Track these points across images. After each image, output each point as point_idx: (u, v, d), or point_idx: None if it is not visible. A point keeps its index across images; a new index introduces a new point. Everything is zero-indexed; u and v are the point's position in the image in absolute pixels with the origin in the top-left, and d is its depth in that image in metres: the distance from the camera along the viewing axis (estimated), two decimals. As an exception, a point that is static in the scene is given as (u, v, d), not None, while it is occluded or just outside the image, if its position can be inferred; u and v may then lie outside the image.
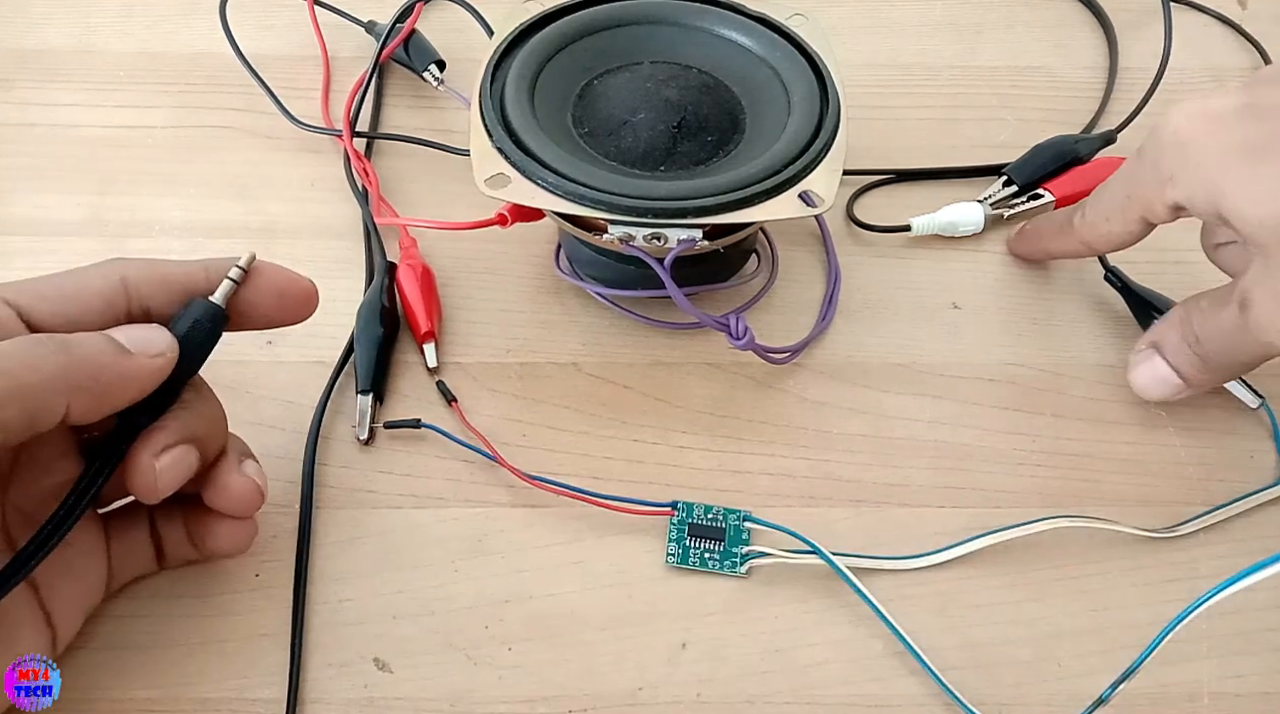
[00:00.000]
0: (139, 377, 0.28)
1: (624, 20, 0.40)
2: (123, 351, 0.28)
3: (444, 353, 0.39)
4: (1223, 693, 0.32)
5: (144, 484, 0.29)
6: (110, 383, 0.28)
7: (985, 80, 0.50)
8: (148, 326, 0.29)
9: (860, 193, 0.45)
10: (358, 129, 0.45)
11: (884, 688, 0.32)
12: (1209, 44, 0.52)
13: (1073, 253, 0.40)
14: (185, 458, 0.29)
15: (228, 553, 0.33)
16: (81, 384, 0.27)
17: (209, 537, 0.32)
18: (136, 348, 0.28)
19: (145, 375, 0.28)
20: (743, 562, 0.34)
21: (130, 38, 0.50)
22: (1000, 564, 0.34)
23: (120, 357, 0.28)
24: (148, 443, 0.29)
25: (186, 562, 0.33)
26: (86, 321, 0.29)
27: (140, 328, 0.29)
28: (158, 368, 0.29)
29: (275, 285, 0.31)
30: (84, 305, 0.29)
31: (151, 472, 0.29)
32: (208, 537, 0.32)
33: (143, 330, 0.29)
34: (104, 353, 0.27)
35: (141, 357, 0.28)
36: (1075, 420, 0.38)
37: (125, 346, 0.28)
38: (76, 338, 0.27)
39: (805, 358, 0.39)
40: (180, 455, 0.29)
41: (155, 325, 0.29)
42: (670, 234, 0.34)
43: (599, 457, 0.37)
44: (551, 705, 0.31)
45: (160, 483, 0.29)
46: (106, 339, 0.28)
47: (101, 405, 0.28)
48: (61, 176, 0.44)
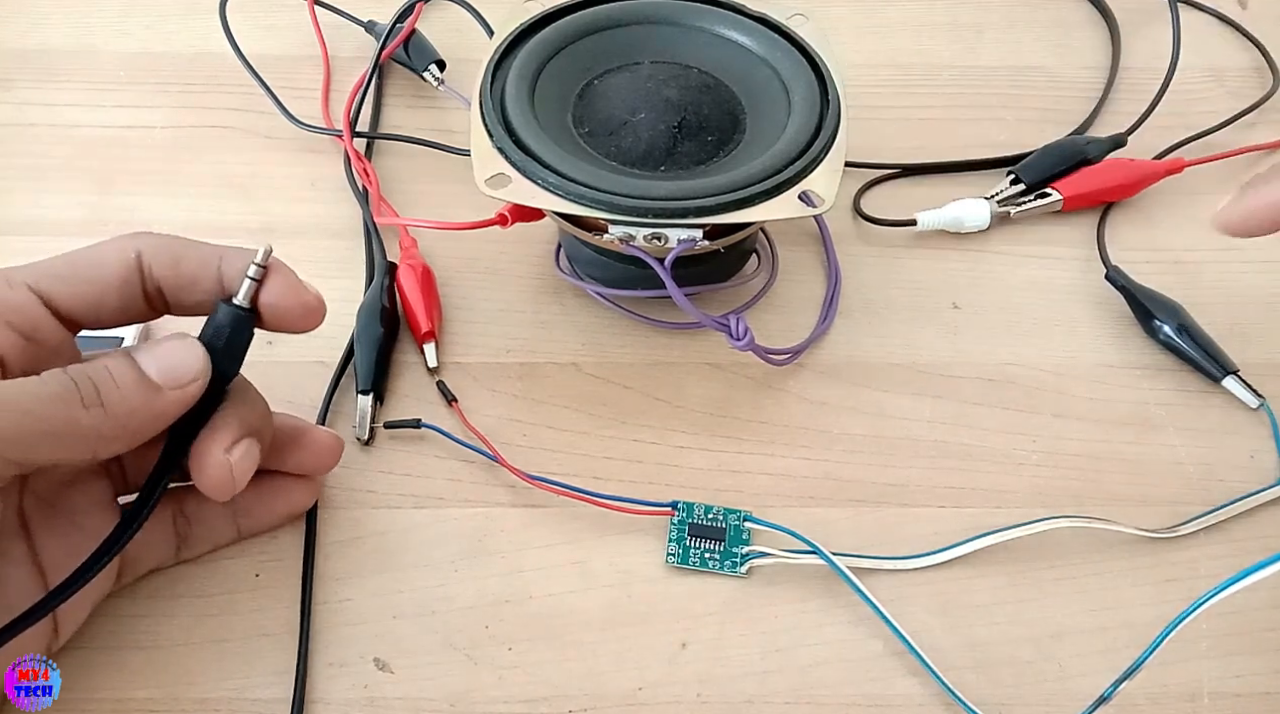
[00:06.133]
0: (171, 412, 0.28)
1: (624, 20, 0.40)
2: (153, 391, 0.27)
3: (444, 353, 0.39)
4: (1223, 693, 0.32)
5: (219, 480, 0.29)
6: (142, 426, 0.27)
7: (985, 80, 0.50)
8: (178, 344, 0.28)
9: (866, 188, 0.45)
10: (358, 129, 0.45)
11: (884, 688, 0.32)
12: (1210, 43, 0.52)
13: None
14: (251, 450, 0.29)
15: (291, 514, 0.34)
16: (114, 435, 0.27)
17: (279, 501, 0.33)
18: (167, 380, 0.27)
19: (177, 408, 0.28)
20: (743, 562, 0.34)
21: (130, 38, 0.50)
22: (1000, 564, 0.34)
23: (152, 397, 0.27)
24: (212, 441, 0.29)
25: (214, 548, 0.33)
26: (106, 304, 0.29)
27: (171, 347, 0.28)
28: (191, 396, 0.28)
29: (291, 286, 0.31)
30: (103, 287, 0.29)
31: (226, 466, 0.29)
32: (277, 501, 0.33)
33: (173, 352, 0.28)
34: (135, 396, 0.27)
35: (172, 391, 0.28)
36: (1075, 420, 0.38)
37: (155, 382, 0.27)
38: (106, 382, 0.27)
39: (805, 358, 0.39)
40: (247, 448, 0.29)
41: (186, 340, 0.29)
42: (670, 234, 0.34)
43: (599, 457, 0.37)
44: (551, 705, 0.31)
45: (237, 475, 0.29)
46: (138, 378, 0.27)
47: (134, 442, 0.28)
48: (61, 176, 0.44)
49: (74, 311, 0.29)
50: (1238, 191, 0.32)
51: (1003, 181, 0.44)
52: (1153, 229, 0.44)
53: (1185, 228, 0.44)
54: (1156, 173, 0.45)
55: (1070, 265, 0.43)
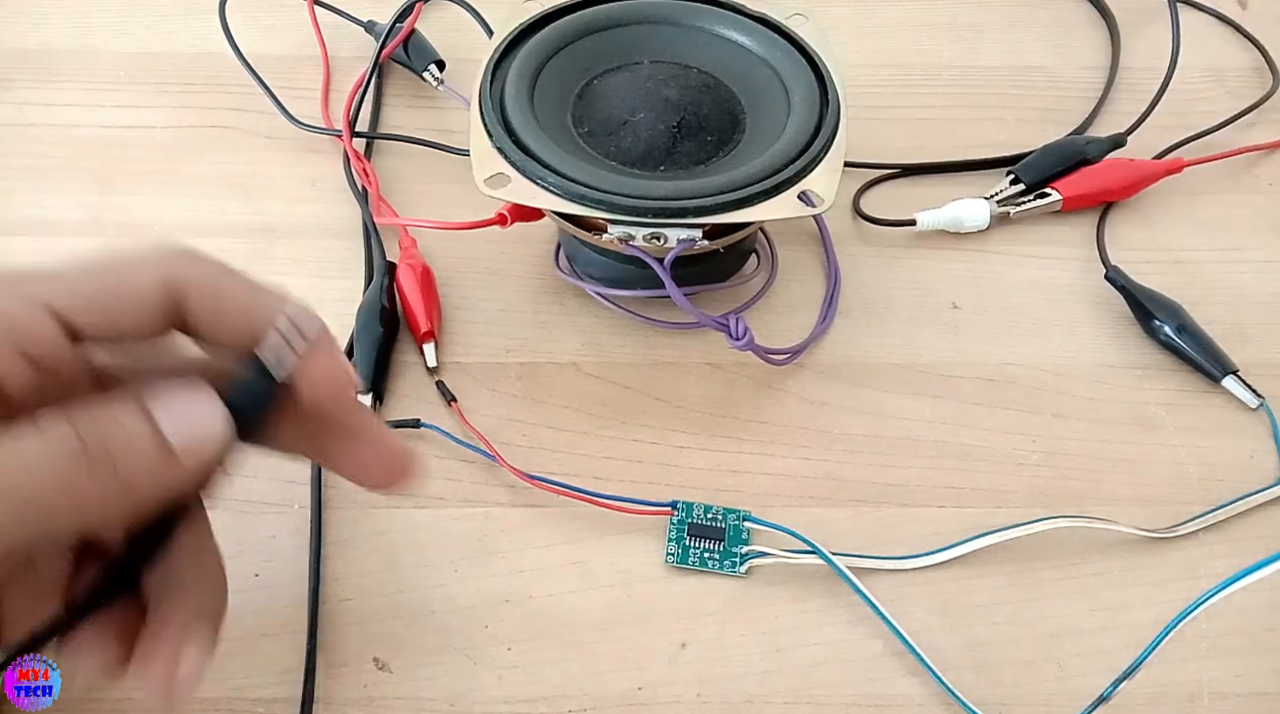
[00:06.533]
0: (179, 489, 0.24)
1: (624, 20, 0.40)
2: (169, 458, 0.23)
3: (444, 353, 0.39)
4: (1223, 693, 0.32)
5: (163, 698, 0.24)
6: (145, 501, 0.23)
7: (985, 80, 0.50)
8: (198, 399, 0.23)
9: (866, 188, 0.45)
10: (357, 129, 0.45)
11: (884, 688, 0.32)
12: (1210, 43, 0.52)
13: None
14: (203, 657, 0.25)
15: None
16: (115, 509, 0.23)
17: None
18: (185, 446, 0.23)
19: (191, 485, 0.24)
20: (742, 561, 0.34)
21: (130, 38, 0.50)
22: (1000, 564, 0.34)
23: (166, 467, 0.23)
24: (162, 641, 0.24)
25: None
26: (127, 329, 0.24)
27: (190, 404, 0.23)
28: (204, 473, 0.24)
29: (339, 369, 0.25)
30: (130, 313, 0.24)
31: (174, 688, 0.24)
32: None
33: (192, 410, 0.23)
34: (149, 463, 0.22)
35: (188, 459, 0.23)
36: (1075, 420, 0.38)
37: (171, 446, 0.23)
38: (120, 442, 0.22)
39: (805, 357, 0.39)
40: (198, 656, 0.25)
41: (206, 396, 0.24)
42: (670, 234, 0.34)
43: (599, 456, 0.37)
44: (551, 705, 0.31)
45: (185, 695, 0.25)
46: (156, 442, 0.23)
47: (127, 522, 0.24)
48: (61, 176, 0.44)
49: (92, 334, 0.24)
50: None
51: (1002, 181, 0.44)
52: (1152, 229, 0.44)
53: (1185, 228, 0.44)
54: (1156, 173, 0.45)
55: (1070, 265, 0.43)
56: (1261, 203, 0.45)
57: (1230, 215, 0.45)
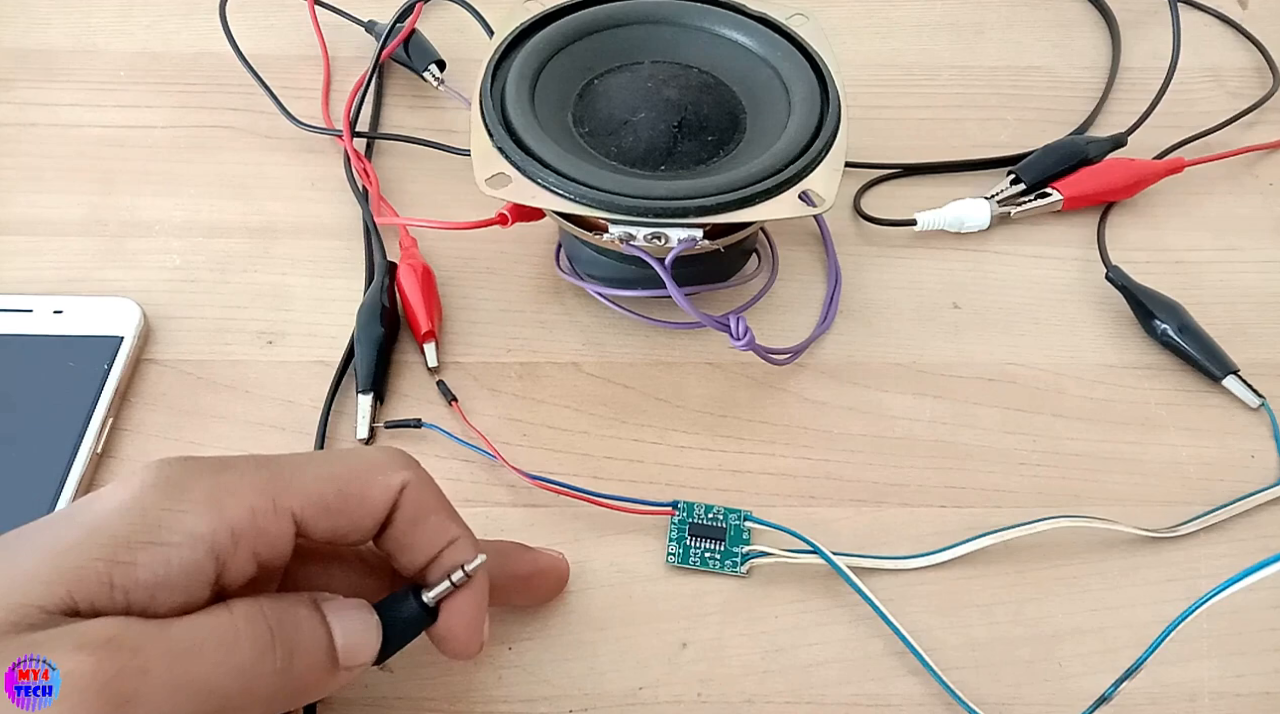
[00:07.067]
0: (326, 693, 0.25)
1: (624, 20, 0.40)
2: (333, 667, 0.24)
3: (444, 353, 0.39)
4: (1223, 693, 0.32)
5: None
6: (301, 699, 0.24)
7: (985, 80, 0.50)
8: (364, 620, 0.25)
9: (866, 188, 0.45)
10: (358, 129, 0.45)
11: (884, 688, 0.32)
12: (1210, 43, 0.52)
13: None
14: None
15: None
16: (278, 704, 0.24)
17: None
18: (346, 659, 0.25)
19: (335, 690, 0.25)
20: (743, 561, 0.34)
21: (130, 38, 0.50)
22: (1000, 564, 0.34)
23: (329, 674, 0.24)
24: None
25: None
26: (350, 541, 0.26)
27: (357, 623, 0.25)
28: (349, 680, 0.25)
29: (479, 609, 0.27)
30: (357, 528, 0.26)
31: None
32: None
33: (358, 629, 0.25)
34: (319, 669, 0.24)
35: (344, 673, 0.25)
36: (1075, 420, 0.38)
37: (339, 657, 0.24)
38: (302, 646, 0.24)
39: (805, 357, 0.39)
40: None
41: (370, 618, 0.25)
42: (671, 233, 0.34)
43: (599, 456, 0.37)
44: (551, 705, 0.31)
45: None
46: (328, 651, 0.24)
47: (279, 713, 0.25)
48: (61, 176, 0.44)
49: (317, 540, 0.25)
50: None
51: (1003, 181, 0.44)
52: (1153, 229, 0.44)
53: (1185, 227, 0.44)
54: (1156, 173, 0.45)
55: (1070, 265, 0.43)
56: (1261, 203, 0.45)
57: (1230, 215, 0.45)
